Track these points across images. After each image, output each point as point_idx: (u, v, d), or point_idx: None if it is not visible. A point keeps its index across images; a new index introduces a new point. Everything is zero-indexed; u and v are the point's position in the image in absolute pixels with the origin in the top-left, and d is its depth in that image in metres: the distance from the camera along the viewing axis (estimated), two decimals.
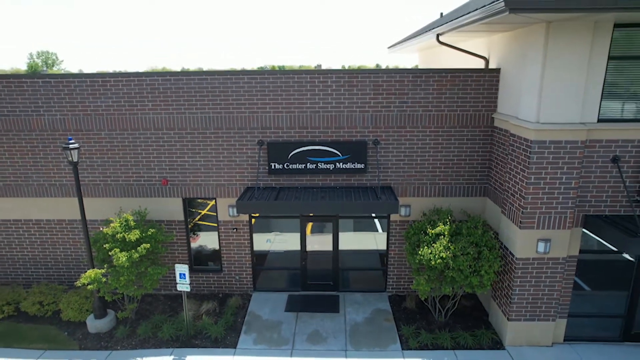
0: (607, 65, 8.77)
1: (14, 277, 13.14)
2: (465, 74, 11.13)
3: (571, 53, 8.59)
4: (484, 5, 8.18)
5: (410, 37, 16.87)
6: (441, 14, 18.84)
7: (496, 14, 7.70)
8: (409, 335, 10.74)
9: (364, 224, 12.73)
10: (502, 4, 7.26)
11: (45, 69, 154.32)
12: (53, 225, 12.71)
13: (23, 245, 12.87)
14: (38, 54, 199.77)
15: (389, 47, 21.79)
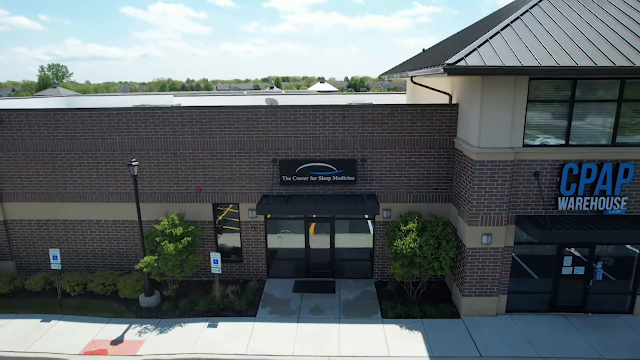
0: (526, 106, 12.11)
1: (80, 265, 16.52)
2: (432, 108, 14.52)
3: (500, 98, 11.95)
4: (434, 65, 11.60)
5: (396, 71, 20.35)
6: (423, 49, 22.32)
7: (440, 73, 11.10)
8: (388, 308, 13.98)
9: (357, 227, 16.03)
10: (441, 68, 10.66)
11: (56, 82, 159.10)
12: (110, 225, 16.13)
13: (87, 240, 16.29)
14: (49, 67, 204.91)
15: (380, 75, 25.28)
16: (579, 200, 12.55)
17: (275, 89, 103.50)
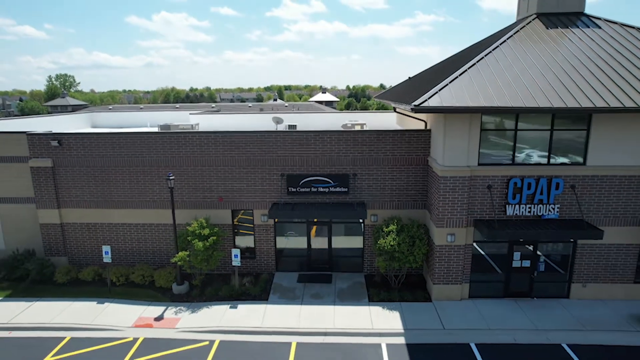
0: (480, 133, 15.58)
1: (122, 260, 19.94)
2: (410, 133, 18.02)
3: (458, 127, 15.43)
4: (407, 104, 15.12)
5: (385, 97, 23.92)
6: (409, 77, 25.89)
7: (409, 110, 14.59)
8: (373, 294, 17.36)
9: (350, 229, 19.41)
10: (410, 108, 14.16)
11: (65, 91, 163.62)
12: (146, 227, 19.60)
13: (127, 240, 19.75)
14: (57, 77, 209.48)
15: (374, 98, 28.84)
16: (522, 207, 15.98)
17: (279, 101, 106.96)
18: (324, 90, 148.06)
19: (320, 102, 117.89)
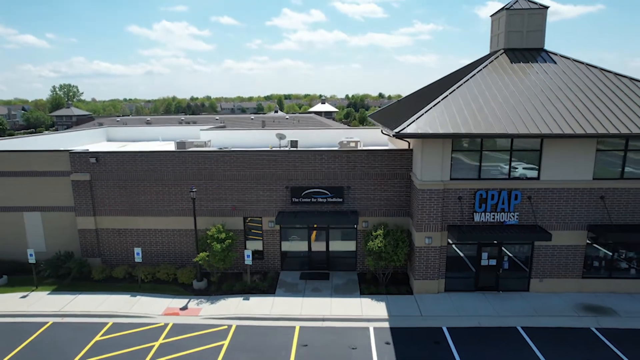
0: (451, 154, 18.82)
1: (148, 261, 23.04)
2: (395, 152, 21.28)
3: (433, 148, 18.67)
4: (390, 129, 18.39)
5: (376, 118, 27.24)
6: (398, 100, 29.20)
7: (392, 135, 17.86)
8: (364, 289, 20.50)
9: (346, 234, 22.56)
10: (392, 134, 17.42)
11: (70, 103, 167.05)
12: (169, 232, 22.76)
13: (152, 243, 22.91)
14: (60, 87, 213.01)
15: (368, 116, 32.13)
16: (487, 215, 19.18)
17: (280, 113, 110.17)
18: (323, 100, 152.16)
19: (319, 113, 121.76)
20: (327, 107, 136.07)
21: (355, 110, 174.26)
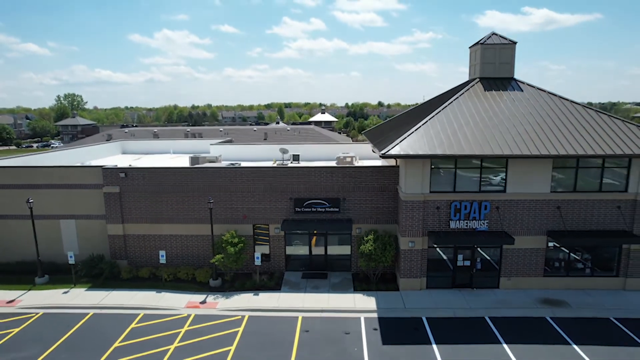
0: (430, 171, 22.21)
1: (170, 262, 26.31)
2: (385, 168, 24.68)
3: (414, 166, 22.05)
4: (378, 150, 21.79)
5: (371, 136, 30.69)
6: (388, 118, 32.65)
7: (379, 156, 21.26)
8: (357, 286, 23.81)
9: (342, 239, 25.87)
10: (379, 154, 20.82)
11: (75, 112, 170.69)
12: (189, 237, 26.08)
13: (174, 247, 26.22)
14: (65, 96, 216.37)
15: (362, 133, 35.57)
16: (462, 223, 22.53)
17: (281, 124, 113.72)
18: (323, 110, 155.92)
19: (319, 123, 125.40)
20: (327, 117, 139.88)
21: (354, 120, 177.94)
